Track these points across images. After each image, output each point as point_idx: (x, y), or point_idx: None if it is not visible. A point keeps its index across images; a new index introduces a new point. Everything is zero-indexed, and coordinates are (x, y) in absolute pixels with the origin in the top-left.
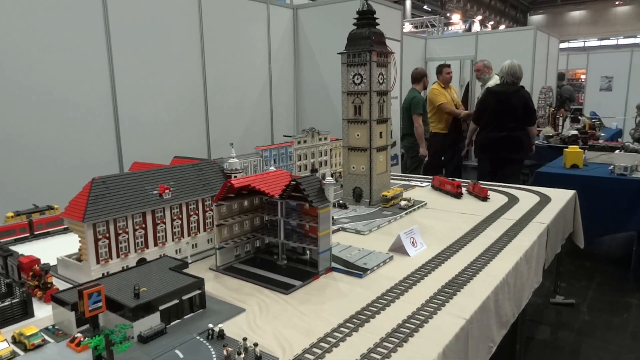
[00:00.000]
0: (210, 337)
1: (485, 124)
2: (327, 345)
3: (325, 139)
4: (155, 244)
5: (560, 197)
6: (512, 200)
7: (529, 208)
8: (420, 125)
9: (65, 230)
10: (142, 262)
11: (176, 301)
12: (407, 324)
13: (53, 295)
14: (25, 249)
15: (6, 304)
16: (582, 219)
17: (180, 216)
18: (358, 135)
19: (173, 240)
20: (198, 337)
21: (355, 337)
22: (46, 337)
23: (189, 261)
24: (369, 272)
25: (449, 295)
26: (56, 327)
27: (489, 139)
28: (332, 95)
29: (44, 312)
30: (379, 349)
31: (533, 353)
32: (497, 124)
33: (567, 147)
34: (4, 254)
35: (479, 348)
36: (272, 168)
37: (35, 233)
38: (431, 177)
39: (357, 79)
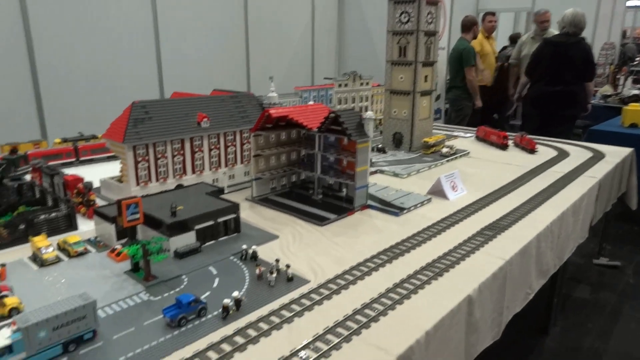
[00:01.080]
0: (243, 258)
1: (539, 77)
2: (359, 273)
3: (367, 83)
4: (193, 172)
5: (616, 153)
6: (562, 155)
7: (580, 162)
8: (474, 78)
9: (109, 159)
10: (179, 188)
11: (211, 222)
12: (442, 260)
13: (95, 209)
14: (70, 172)
15: (53, 216)
16: (637, 180)
17: (218, 146)
18: (402, 78)
19: (210, 169)
20: (232, 258)
21: (388, 268)
22: (88, 247)
23: (226, 191)
24: (405, 211)
25: (489, 237)
26: (98, 239)
27: (542, 93)
28: (376, 40)
29: (86, 227)
30: (412, 280)
31: (571, 310)
32: (552, 77)
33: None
34: (51, 173)
35: (516, 292)
36: (312, 101)
37: (81, 159)
38: (475, 128)
39: (404, 17)
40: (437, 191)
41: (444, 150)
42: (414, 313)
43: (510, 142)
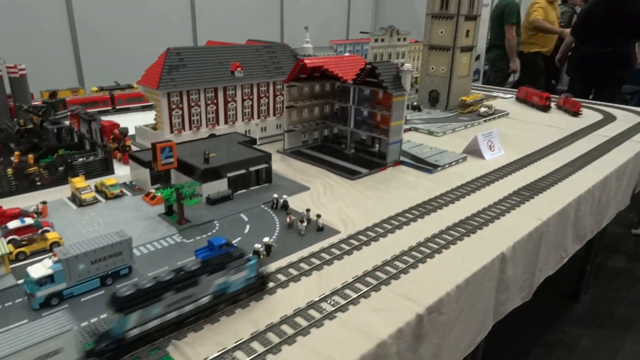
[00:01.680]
0: (274, 206)
1: (588, 37)
2: (389, 227)
3: (405, 39)
4: (226, 122)
5: None
6: (608, 118)
7: (627, 127)
8: (513, 37)
9: (143, 108)
10: (212, 137)
11: (243, 171)
12: (476, 218)
13: (131, 154)
14: (106, 120)
15: (90, 159)
16: None
17: (251, 97)
18: (442, 32)
19: (243, 120)
20: (263, 206)
21: (420, 222)
22: (124, 190)
23: (258, 143)
24: (439, 168)
25: (526, 197)
26: (133, 183)
27: (591, 55)
28: None
29: (122, 172)
30: (444, 235)
31: (604, 278)
32: (603, 37)
33: None
34: (89, 119)
35: (551, 254)
36: (347, 53)
37: (117, 107)
38: (516, 89)
39: None
40: (473, 150)
41: (482, 110)
42: (445, 267)
43: (553, 104)
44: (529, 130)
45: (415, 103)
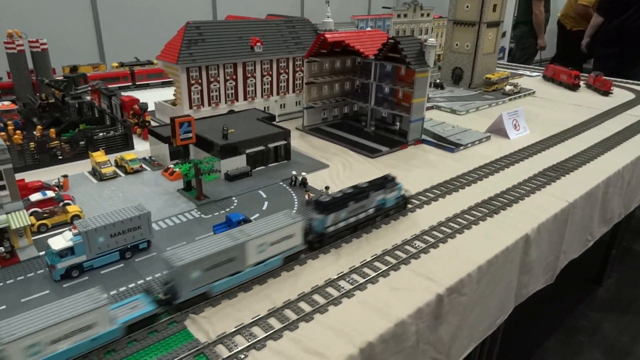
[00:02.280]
0: (293, 183)
1: (620, 12)
2: (410, 206)
3: (428, 14)
4: (245, 98)
5: None
6: None
7: None
8: (541, 12)
9: (163, 84)
10: (230, 113)
11: (262, 148)
12: (499, 198)
13: (150, 129)
14: (126, 95)
15: (110, 134)
16: None
17: (271, 72)
18: (468, 7)
19: (262, 96)
20: (281, 183)
21: (441, 202)
22: (144, 165)
23: (277, 120)
24: (462, 147)
25: (552, 178)
26: (152, 158)
27: (623, 30)
28: None
29: (141, 147)
30: (466, 215)
31: (629, 263)
32: (637, 10)
33: None
34: (109, 94)
35: (576, 237)
36: (369, 28)
37: (137, 83)
38: (543, 67)
39: None
40: (498, 129)
41: (507, 88)
42: (466, 247)
43: (582, 83)
44: (556, 109)
45: (437, 80)
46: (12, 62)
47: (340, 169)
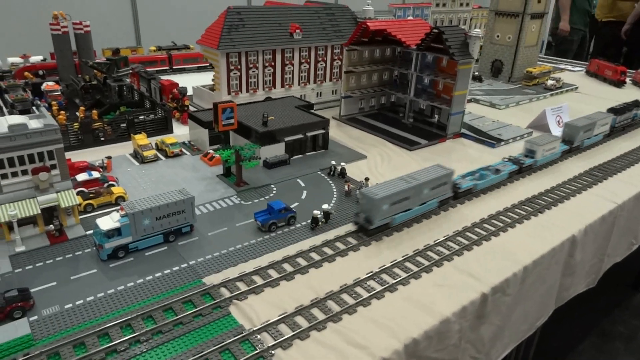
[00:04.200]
0: (331, 173)
1: None
2: (453, 200)
3: (468, 4)
4: (282, 86)
5: None
6: None
7: None
8: None
9: (199, 69)
10: (268, 100)
11: (301, 136)
12: (544, 197)
13: (190, 114)
14: (164, 79)
15: (150, 117)
16: None
17: (309, 60)
18: None
19: (299, 84)
20: (319, 172)
21: (483, 198)
22: (183, 149)
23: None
24: (503, 143)
25: (598, 178)
26: (191, 142)
27: None
28: None
29: (180, 131)
30: (509, 213)
31: None
32: None
33: None
34: (149, 77)
35: (621, 239)
36: (411, 17)
37: (174, 67)
38: (587, 62)
39: None
40: (540, 125)
41: (549, 82)
42: (511, 246)
43: (628, 79)
44: (600, 106)
45: (476, 73)
46: (56, 43)
47: (378, 161)
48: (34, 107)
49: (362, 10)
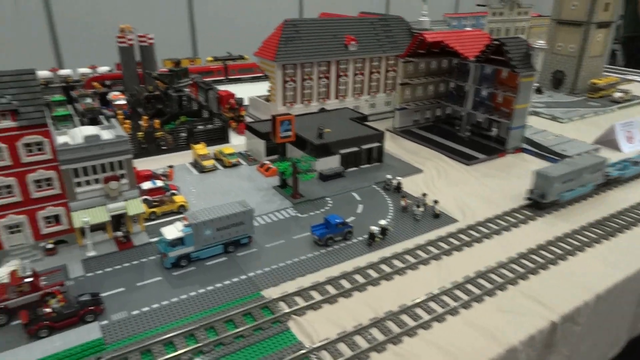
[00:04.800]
0: (387, 187)
1: None
2: (513, 220)
3: (526, 13)
4: (336, 97)
5: None
6: None
7: None
8: None
9: (254, 79)
10: (322, 111)
11: (356, 149)
12: (616, 219)
13: (248, 125)
14: (220, 89)
15: (209, 127)
16: None
17: (363, 72)
18: (575, 5)
19: (353, 95)
20: (374, 186)
21: (547, 218)
22: (240, 160)
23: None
24: (567, 159)
25: None
26: (247, 153)
27: None
28: None
29: (236, 141)
30: (577, 235)
31: None
32: None
33: None
34: (207, 88)
35: None
36: (468, 27)
37: (229, 77)
38: None
39: None
40: (608, 141)
41: (617, 95)
42: (582, 272)
43: None
44: None
45: (536, 84)
46: (123, 55)
47: (434, 175)
48: (101, 117)
49: (418, 20)
